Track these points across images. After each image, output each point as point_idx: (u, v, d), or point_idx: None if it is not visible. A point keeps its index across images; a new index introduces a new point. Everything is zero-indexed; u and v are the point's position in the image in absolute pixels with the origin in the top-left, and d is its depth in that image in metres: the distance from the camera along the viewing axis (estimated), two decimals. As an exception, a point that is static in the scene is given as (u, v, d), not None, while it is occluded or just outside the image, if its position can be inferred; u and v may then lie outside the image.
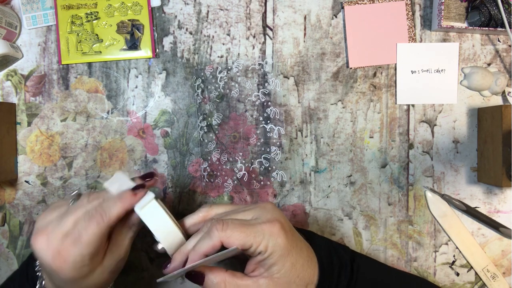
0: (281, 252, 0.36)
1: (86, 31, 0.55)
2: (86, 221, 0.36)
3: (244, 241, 0.35)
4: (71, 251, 0.35)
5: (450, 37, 0.57)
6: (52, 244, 0.35)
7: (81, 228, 0.36)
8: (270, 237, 0.36)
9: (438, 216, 0.56)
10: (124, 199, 0.38)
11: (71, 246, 0.35)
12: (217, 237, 0.36)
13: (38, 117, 0.55)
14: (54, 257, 0.35)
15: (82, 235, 0.35)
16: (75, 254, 0.35)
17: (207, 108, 0.56)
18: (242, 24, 0.56)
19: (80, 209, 0.37)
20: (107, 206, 0.37)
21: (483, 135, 0.55)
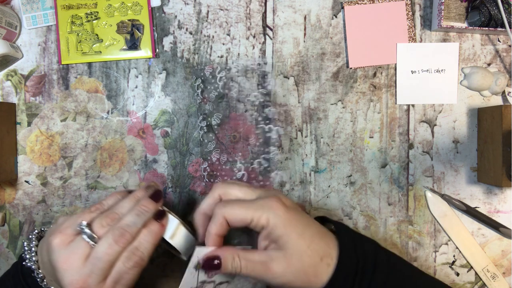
0: (283, 223, 0.37)
1: (86, 31, 0.55)
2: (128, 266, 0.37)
3: (244, 215, 0.37)
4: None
5: (450, 37, 0.57)
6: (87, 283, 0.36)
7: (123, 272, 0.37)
8: (269, 210, 0.37)
9: (438, 216, 0.56)
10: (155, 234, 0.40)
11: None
12: (221, 214, 0.38)
13: (38, 117, 0.55)
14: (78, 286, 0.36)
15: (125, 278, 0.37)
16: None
17: (207, 108, 0.56)
18: (242, 24, 0.56)
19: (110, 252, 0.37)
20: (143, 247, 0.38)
21: (483, 135, 0.55)
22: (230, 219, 0.38)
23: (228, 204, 0.38)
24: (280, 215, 0.37)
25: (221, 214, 0.38)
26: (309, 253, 0.37)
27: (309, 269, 0.37)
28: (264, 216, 0.37)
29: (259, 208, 0.37)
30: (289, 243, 0.37)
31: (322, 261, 0.37)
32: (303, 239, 0.37)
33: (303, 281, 0.37)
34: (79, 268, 0.36)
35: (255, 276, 0.37)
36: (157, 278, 0.56)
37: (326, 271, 0.37)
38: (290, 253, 0.36)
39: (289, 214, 0.38)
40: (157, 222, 0.40)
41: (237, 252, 0.38)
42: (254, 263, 0.37)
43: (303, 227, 0.38)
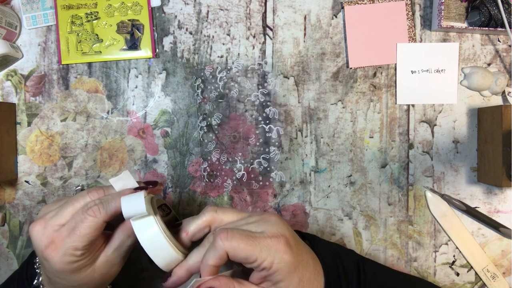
0: (287, 269, 0.35)
1: (86, 31, 0.55)
2: (83, 213, 0.36)
3: (250, 254, 0.34)
4: (64, 240, 0.35)
5: (450, 37, 0.57)
6: (47, 232, 0.36)
7: (78, 220, 0.36)
8: (276, 253, 0.34)
9: (438, 216, 0.56)
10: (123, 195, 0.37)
11: (65, 236, 0.36)
12: (222, 248, 0.34)
13: (38, 117, 0.55)
14: (47, 245, 0.35)
15: (78, 227, 0.35)
16: (67, 245, 0.35)
17: (207, 108, 0.56)
18: (242, 24, 0.56)
19: (78, 201, 0.37)
20: (106, 200, 0.37)
21: (483, 135, 0.55)
22: (232, 254, 0.34)
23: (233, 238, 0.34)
24: (285, 260, 0.35)
25: (223, 248, 0.34)
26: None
27: None
28: (269, 260, 0.34)
29: (265, 249, 0.34)
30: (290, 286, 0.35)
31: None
32: (302, 284, 0.36)
33: None
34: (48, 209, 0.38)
35: None
36: (157, 278, 0.56)
37: None
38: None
39: (294, 258, 0.36)
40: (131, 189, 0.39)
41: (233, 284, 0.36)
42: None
43: (303, 269, 0.37)
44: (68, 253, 0.35)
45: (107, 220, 0.37)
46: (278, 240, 0.35)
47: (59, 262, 0.35)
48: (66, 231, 0.36)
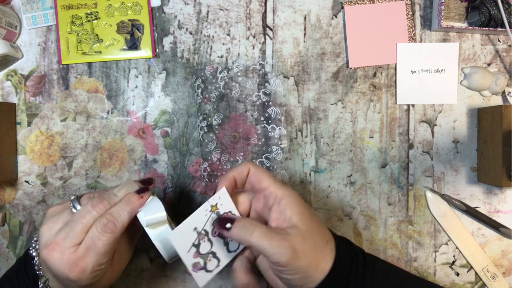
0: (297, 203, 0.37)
1: (86, 31, 0.55)
2: (99, 230, 0.37)
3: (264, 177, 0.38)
4: (88, 260, 0.36)
5: (450, 37, 0.57)
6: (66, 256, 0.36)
7: (95, 237, 0.37)
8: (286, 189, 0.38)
9: (438, 216, 0.56)
10: (132, 203, 0.39)
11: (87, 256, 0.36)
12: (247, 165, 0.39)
13: (38, 117, 0.55)
14: (71, 269, 0.36)
15: (97, 244, 0.36)
16: (93, 263, 0.36)
17: (207, 108, 0.56)
18: (242, 24, 0.56)
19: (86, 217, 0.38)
20: (117, 213, 0.38)
21: (483, 135, 0.55)
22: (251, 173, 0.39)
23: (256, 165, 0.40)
24: (294, 195, 0.38)
25: (247, 164, 0.39)
26: (318, 235, 0.37)
27: (318, 251, 0.36)
28: (281, 190, 0.37)
29: (278, 183, 0.38)
30: (302, 220, 0.36)
31: (327, 244, 0.38)
32: (313, 221, 0.38)
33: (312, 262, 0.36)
34: (56, 231, 0.37)
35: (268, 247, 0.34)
36: (157, 278, 0.56)
37: (330, 256, 0.37)
38: (304, 231, 0.36)
39: (302, 200, 0.39)
40: (136, 194, 0.40)
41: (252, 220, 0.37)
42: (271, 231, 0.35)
43: (311, 212, 0.39)
44: (94, 270, 0.37)
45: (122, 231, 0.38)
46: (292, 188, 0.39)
47: (87, 279, 0.37)
48: (85, 250, 0.37)
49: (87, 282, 0.37)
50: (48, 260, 0.36)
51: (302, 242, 0.35)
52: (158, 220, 0.40)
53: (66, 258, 0.36)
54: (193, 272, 0.38)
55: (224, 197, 0.38)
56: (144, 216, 0.39)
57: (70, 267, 0.36)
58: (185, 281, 0.56)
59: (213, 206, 0.38)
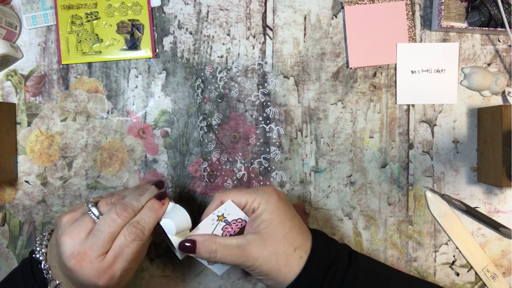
0: (271, 209, 0.39)
1: (86, 31, 0.55)
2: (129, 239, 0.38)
3: (240, 198, 0.41)
4: (116, 268, 0.37)
5: (450, 37, 0.57)
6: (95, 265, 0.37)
7: (124, 245, 0.38)
8: (263, 194, 0.40)
9: (438, 216, 0.56)
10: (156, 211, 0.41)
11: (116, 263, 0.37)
12: (218, 197, 0.42)
13: (38, 117, 0.55)
14: (101, 277, 0.37)
15: (126, 252, 0.38)
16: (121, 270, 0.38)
17: (207, 108, 0.56)
18: (242, 24, 0.56)
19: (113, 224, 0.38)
20: (144, 221, 0.39)
21: (483, 135, 0.55)
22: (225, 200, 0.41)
23: (226, 191, 0.42)
24: (271, 201, 0.40)
25: (218, 197, 0.42)
26: (283, 242, 0.39)
27: (281, 257, 0.38)
28: (257, 200, 0.40)
29: (254, 193, 0.41)
30: (268, 228, 0.39)
31: (295, 252, 0.39)
32: (282, 228, 0.39)
33: (274, 268, 0.38)
34: (81, 240, 0.38)
35: (231, 261, 0.39)
36: (157, 278, 0.56)
37: (297, 263, 0.39)
38: (266, 238, 0.39)
39: (279, 204, 0.40)
40: (158, 201, 0.42)
41: (214, 239, 0.39)
42: (231, 247, 0.38)
43: (286, 218, 0.40)
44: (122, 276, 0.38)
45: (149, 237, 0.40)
46: (268, 187, 0.42)
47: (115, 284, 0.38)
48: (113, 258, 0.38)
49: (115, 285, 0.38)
50: (76, 270, 0.37)
51: (261, 250, 0.38)
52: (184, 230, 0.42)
53: (96, 267, 0.37)
54: (210, 266, 0.42)
55: (230, 207, 0.41)
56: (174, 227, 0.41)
57: (99, 275, 0.37)
58: (185, 281, 0.56)
59: (220, 216, 0.41)
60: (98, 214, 0.39)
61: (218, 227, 0.41)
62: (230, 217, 0.41)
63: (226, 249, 0.39)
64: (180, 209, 0.43)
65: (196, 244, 0.39)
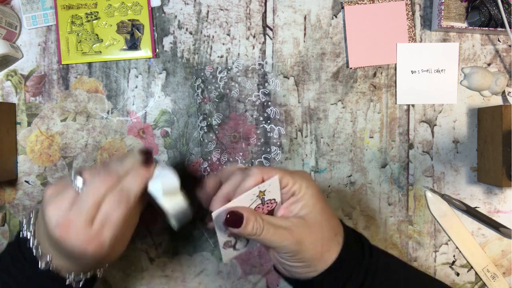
0: (312, 194, 0.38)
1: (86, 31, 0.55)
2: (114, 204, 0.37)
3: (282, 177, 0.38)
4: (105, 235, 0.36)
5: (450, 37, 0.57)
6: (82, 233, 0.36)
7: (110, 212, 0.36)
8: (303, 178, 0.39)
9: (438, 216, 0.56)
10: (142, 175, 0.39)
11: (104, 231, 0.36)
12: (259, 173, 0.38)
13: (38, 117, 0.55)
14: (89, 245, 0.36)
15: (112, 218, 0.36)
16: (109, 237, 0.36)
17: (207, 108, 0.56)
18: (242, 24, 0.56)
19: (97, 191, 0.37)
20: (129, 186, 0.38)
21: (483, 135, 0.55)
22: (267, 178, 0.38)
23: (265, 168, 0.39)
24: (311, 186, 0.38)
25: (259, 173, 0.38)
26: (327, 227, 0.38)
27: (325, 242, 0.38)
28: (298, 183, 0.38)
29: (295, 176, 0.39)
30: (312, 213, 0.38)
31: (336, 237, 0.39)
32: (325, 213, 0.39)
33: (317, 253, 0.37)
34: (66, 209, 0.36)
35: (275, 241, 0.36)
36: (157, 278, 0.56)
37: (336, 248, 0.39)
38: (311, 223, 0.38)
39: (318, 189, 0.39)
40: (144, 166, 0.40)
41: (260, 215, 0.37)
42: (278, 227, 0.37)
43: (326, 203, 0.40)
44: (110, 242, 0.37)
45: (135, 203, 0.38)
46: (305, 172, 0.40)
47: (104, 253, 0.37)
48: (101, 225, 0.36)
49: (103, 255, 0.37)
50: (64, 239, 0.36)
51: (308, 234, 0.37)
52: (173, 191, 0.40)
53: (83, 235, 0.36)
54: (222, 249, 0.40)
55: (274, 185, 0.39)
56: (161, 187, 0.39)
57: (88, 243, 0.36)
58: (185, 281, 0.56)
59: (262, 191, 0.38)
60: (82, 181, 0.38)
61: (253, 205, 0.38)
62: (268, 195, 0.39)
63: (272, 228, 0.36)
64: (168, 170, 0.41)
65: (243, 217, 0.36)
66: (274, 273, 0.57)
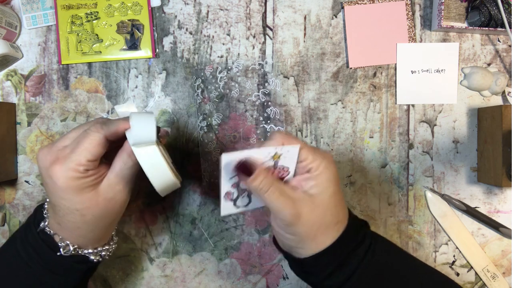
0: (328, 176, 0.38)
1: (86, 31, 0.55)
2: (85, 132, 0.37)
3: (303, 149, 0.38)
4: (68, 156, 0.36)
5: (450, 37, 0.57)
6: (52, 151, 0.37)
7: (81, 137, 0.37)
8: (324, 158, 0.38)
9: (438, 216, 0.56)
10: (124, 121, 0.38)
11: (69, 152, 0.37)
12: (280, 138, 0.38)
13: (38, 117, 0.55)
14: (52, 162, 0.36)
15: (80, 142, 0.37)
16: (71, 159, 0.36)
17: (207, 108, 0.56)
18: (242, 24, 0.56)
19: (83, 126, 0.39)
20: (106, 121, 0.38)
21: (483, 135, 0.55)
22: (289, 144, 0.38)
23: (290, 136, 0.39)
24: (331, 169, 0.38)
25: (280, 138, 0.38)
26: (332, 212, 0.38)
27: (323, 226, 0.38)
28: (317, 162, 0.37)
29: (317, 153, 0.38)
30: (322, 194, 0.37)
31: (336, 225, 0.39)
32: (334, 198, 0.38)
33: (311, 233, 0.37)
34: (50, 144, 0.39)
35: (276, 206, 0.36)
36: (157, 278, 0.56)
37: (333, 235, 0.38)
38: (317, 203, 0.37)
39: (337, 174, 0.39)
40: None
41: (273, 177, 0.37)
42: (283, 193, 0.37)
43: (339, 190, 0.39)
44: (71, 167, 0.36)
45: (108, 137, 0.37)
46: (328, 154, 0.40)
47: (62, 177, 0.36)
48: (70, 149, 0.37)
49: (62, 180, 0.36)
50: (38, 156, 0.38)
51: (309, 212, 0.37)
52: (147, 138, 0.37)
53: (51, 153, 0.37)
54: (223, 199, 0.38)
55: (292, 154, 0.38)
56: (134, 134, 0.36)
57: (51, 160, 0.36)
58: (185, 281, 0.56)
59: (278, 155, 0.38)
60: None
61: (265, 165, 0.37)
62: (282, 161, 0.38)
63: (278, 192, 0.36)
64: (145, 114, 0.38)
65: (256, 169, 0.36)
66: (274, 273, 0.57)
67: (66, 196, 0.37)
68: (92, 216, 0.38)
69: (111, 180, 0.39)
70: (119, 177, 0.39)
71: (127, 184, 0.40)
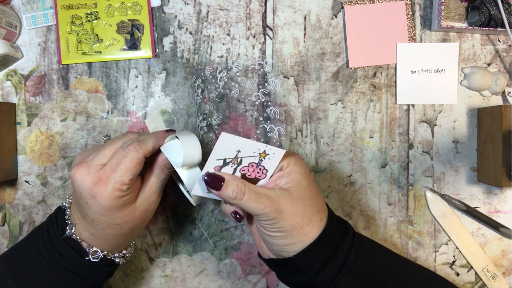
0: (299, 170, 0.40)
1: (86, 31, 0.55)
2: (124, 150, 0.39)
3: None
4: (110, 176, 0.38)
5: (450, 37, 0.57)
6: (92, 171, 0.38)
7: (120, 156, 0.38)
8: (292, 157, 0.40)
9: (438, 216, 0.56)
10: (158, 136, 0.42)
11: (110, 173, 0.38)
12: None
13: (38, 117, 0.55)
14: (95, 183, 0.38)
15: (121, 162, 0.38)
16: (115, 179, 0.38)
17: (207, 108, 0.56)
18: (242, 24, 0.56)
19: (116, 142, 0.40)
20: (143, 138, 0.40)
21: (483, 135, 0.55)
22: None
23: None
24: (301, 164, 0.40)
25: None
26: (310, 202, 0.39)
27: (306, 215, 0.39)
28: (286, 159, 0.40)
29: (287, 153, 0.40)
30: (297, 187, 0.39)
31: (318, 213, 0.40)
32: (309, 190, 0.40)
33: (298, 224, 0.38)
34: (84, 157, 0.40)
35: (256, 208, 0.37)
36: (157, 278, 0.56)
37: (319, 223, 0.40)
38: (295, 196, 0.39)
39: (307, 169, 0.41)
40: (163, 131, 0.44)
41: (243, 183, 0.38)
42: (260, 195, 0.38)
43: (312, 182, 0.41)
44: (116, 187, 0.38)
45: (146, 155, 0.40)
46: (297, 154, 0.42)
47: (108, 198, 0.38)
48: (111, 168, 0.38)
49: (108, 200, 0.38)
50: (75, 175, 0.38)
51: (289, 204, 0.38)
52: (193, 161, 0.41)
53: (92, 173, 0.38)
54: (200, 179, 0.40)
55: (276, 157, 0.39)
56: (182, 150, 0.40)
57: (93, 181, 0.38)
58: (185, 281, 0.56)
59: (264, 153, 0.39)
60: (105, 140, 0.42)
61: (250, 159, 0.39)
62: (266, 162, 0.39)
63: (254, 195, 0.38)
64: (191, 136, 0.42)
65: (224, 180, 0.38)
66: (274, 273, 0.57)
67: (108, 213, 0.39)
68: (129, 228, 0.41)
69: (146, 193, 0.42)
70: (152, 190, 0.42)
71: (158, 195, 0.43)
